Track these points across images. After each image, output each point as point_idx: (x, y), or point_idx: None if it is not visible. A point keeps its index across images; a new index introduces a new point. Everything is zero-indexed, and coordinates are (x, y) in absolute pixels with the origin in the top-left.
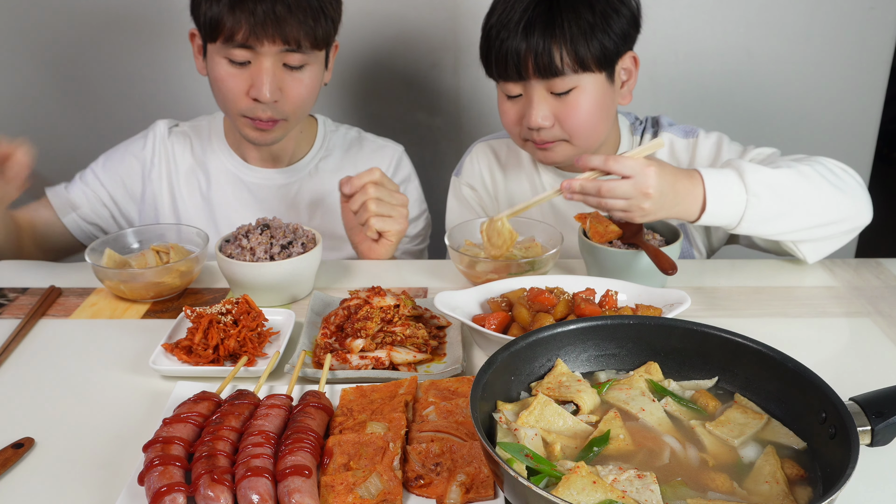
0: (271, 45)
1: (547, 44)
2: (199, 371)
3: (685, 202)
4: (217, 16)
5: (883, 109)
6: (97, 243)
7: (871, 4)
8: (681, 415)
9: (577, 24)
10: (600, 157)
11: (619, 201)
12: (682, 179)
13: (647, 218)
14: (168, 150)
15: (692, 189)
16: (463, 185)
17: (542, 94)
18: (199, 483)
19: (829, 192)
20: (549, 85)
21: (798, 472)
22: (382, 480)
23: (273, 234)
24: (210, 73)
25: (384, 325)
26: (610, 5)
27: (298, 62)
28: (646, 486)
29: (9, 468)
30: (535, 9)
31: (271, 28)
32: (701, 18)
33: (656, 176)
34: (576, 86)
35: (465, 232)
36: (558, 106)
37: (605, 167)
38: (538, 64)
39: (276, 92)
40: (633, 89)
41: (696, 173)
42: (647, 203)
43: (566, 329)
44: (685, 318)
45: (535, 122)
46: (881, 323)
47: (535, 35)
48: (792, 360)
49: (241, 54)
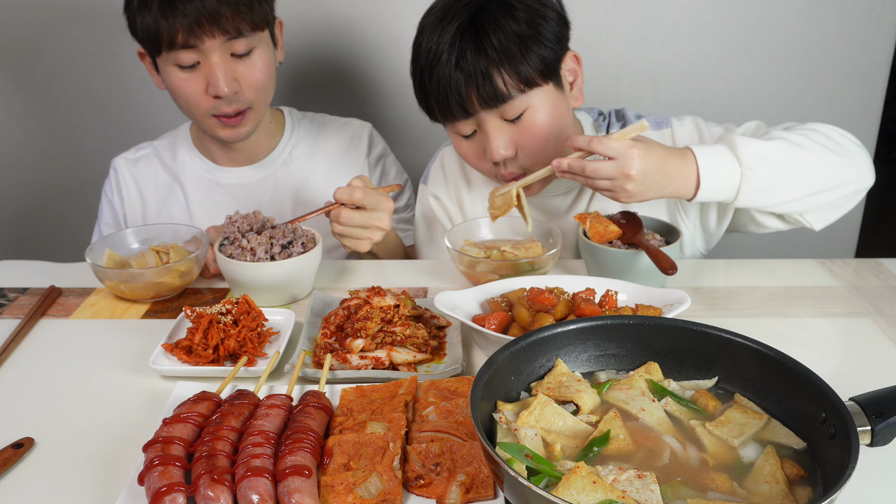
0: (212, 40)
1: (484, 68)
2: (199, 371)
3: (677, 182)
4: (152, 26)
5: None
6: (97, 243)
7: (871, 4)
8: (681, 415)
9: (508, 38)
10: (585, 138)
11: (603, 182)
12: (672, 160)
13: (633, 199)
14: (137, 179)
15: (684, 168)
16: (429, 194)
17: (497, 124)
18: (199, 483)
19: (825, 156)
20: (500, 112)
21: (798, 472)
22: (382, 480)
23: (273, 234)
24: (166, 84)
25: (384, 325)
26: (535, 12)
27: (245, 48)
28: (646, 486)
29: (9, 468)
30: (461, 38)
31: (206, 24)
32: (701, 18)
33: (640, 158)
34: (527, 106)
35: (466, 232)
36: (515, 132)
37: (589, 148)
38: (482, 94)
39: (233, 83)
40: (582, 88)
41: (689, 151)
42: (630, 185)
43: (566, 329)
44: (685, 318)
45: (499, 155)
46: (881, 323)
47: (468, 63)
48: (792, 360)
49: (188, 57)
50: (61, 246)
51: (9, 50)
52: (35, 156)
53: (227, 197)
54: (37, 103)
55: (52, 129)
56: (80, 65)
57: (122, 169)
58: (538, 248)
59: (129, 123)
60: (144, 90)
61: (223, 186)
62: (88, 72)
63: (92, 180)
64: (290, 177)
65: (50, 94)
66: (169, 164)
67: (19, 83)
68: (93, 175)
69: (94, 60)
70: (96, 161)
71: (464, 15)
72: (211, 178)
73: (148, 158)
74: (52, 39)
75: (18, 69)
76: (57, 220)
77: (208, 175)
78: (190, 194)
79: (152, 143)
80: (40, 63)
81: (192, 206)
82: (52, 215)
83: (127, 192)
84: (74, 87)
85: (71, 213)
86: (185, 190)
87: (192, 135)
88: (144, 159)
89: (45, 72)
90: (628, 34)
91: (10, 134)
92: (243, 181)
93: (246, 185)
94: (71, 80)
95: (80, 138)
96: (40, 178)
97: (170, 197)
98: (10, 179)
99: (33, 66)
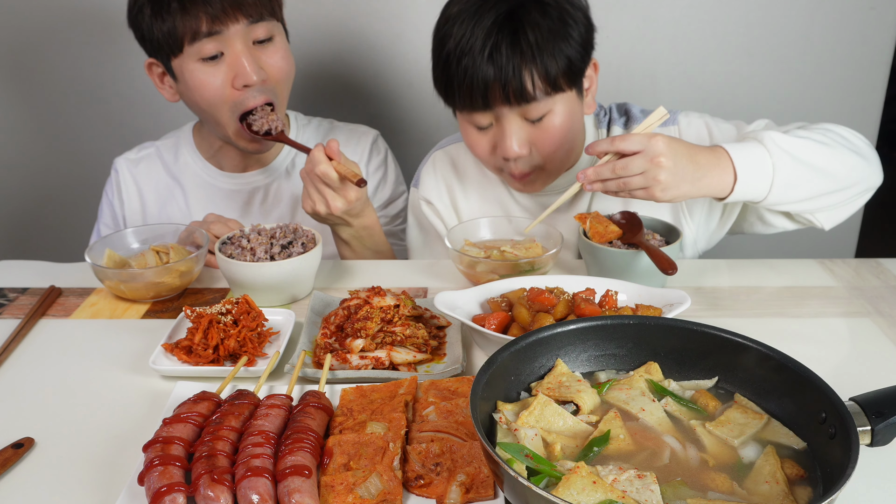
0: (236, 24)
1: (517, 68)
2: (199, 371)
3: (711, 175)
4: (171, 26)
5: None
6: (97, 243)
7: (871, 4)
8: (681, 415)
9: (543, 36)
10: (606, 141)
11: (636, 178)
12: (701, 152)
13: (669, 192)
14: (137, 180)
15: (717, 162)
16: (420, 199)
17: (517, 122)
18: (199, 483)
19: (846, 154)
20: (522, 111)
21: (798, 472)
22: (382, 480)
23: (273, 233)
24: (188, 85)
25: (384, 325)
26: (566, 12)
27: (266, 33)
28: (646, 486)
29: (9, 468)
30: (498, 31)
31: (229, 8)
32: (701, 18)
33: (665, 144)
34: (549, 110)
35: (465, 232)
36: (533, 132)
37: (613, 147)
38: (509, 91)
39: (259, 70)
40: (595, 95)
41: (720, 148)
42: (663, 174)
43: (566, 329)
44: (685, 318)
45: (513, 152)
46: (881, 323)
47: (501, 57)
48: (792, 360)
49: (211, 46)
50: (61, 246)
51: (9, 51)
52: (35, 156)
53: (227, 201)
54: (37, 104)
55: (52, 130)
56: (81, 65)
57: (122, 169)
58: (538, 248)
59: (130, 124)
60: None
61: (223, 191)
62: (89, 72)
63: (92, 180)
64: (292, 182)
65: (50, 95)
66: (170, 166)
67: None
68: (93, 175)
69: (95, 61)
70: (96, 161)
71: (502, 7)
72: (212, 182)
73: (150, 159)
74: (52, 40)
75: (19, 70)
76: (57, 220)
77: (210, 179)
78: (190, 197)
79: (155, 143)
80: (41, 64)
81: (192, 209)
82: (52, 215)
83: (127, 192)
84: (75, 88)
85: (71, 213)
86: (185, 192)
87: (195, 136)
88: (146, 160)
89: (45, 72)
90: (628, 34)
91: (11, 134)
92: (244, 186)
93: (247, 191)
94: (71, 80)
95: (80, 138)
96: (40, 178)
97: (169, 199)
98: (10, 179)
99: (34, 67)
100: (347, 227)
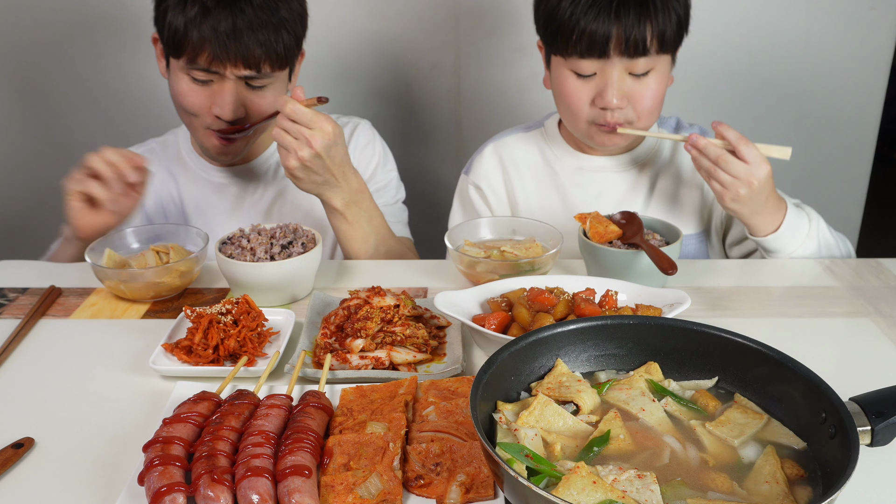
0: (233, 69)
1: (642, 24)
2: (199, 371)
3: (766, 216)
4: (181, 31)
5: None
6: (97, 243)
7: (871, 4)
8: (681, 415)
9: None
10: (735, 132)
11: (727, 177)
12: (774, 196)
13: (735, 204)
14: None
15: (776, 211)
16: (469, 184)
17: (623, 75)
18: (199, 483)
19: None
20: (629, 65)
21: (798, 472)
22: (382, 480)
23: (273, 233)
24: (172, 85)
25: (384, 325)
26: None
27: (261, 82)
28: (646, 486)
29: (9, 468)
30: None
31: (233, 55)
32: (701, 18)
33: (766, 175)
34: (653, 67)
35: (466, 232)
36: (634, 86)
37: (737, 143)
38: (628, 44)
39: (240, 109)
40: None
41: (783, 202)
42: (745, 191)
43: (566, 329)
44: (685, 318)
45: (614, 102)
46: (881, 323)
47: (630, 15)
48: (792, 360)
49: (203, 75)
50: None
51: (9, 51)
52: (35, 156)
53: (219, 196)
54: (37, 104)
55: (51, 130)
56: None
57: None
58: (538, 248)
59: (130, 124)
60: (145, 91)
61: (215, 185)
62: (88, 72)
63: None
64: (281, 176)
65: (50, 95)
66: (168, 161)
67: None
68: None
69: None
70: None
71: None
72: (206, 176)
73: (151, 154)
74: (52, 41)
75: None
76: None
77: (203, 174)
78: (184, 191)
79: (157, 140)
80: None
81: (186, 204)
82: (51, 215)
83: None
84: (74, 88)
85: None
86: (178, 185)
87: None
88: (148, 153)
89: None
90: None
91: (11, 134)
92: (236, 180)
93: (239, 185)
94: (71, 80)
95: (79, 138)
96: (41, 179)
97: (165, 194)
98: (10, 179)
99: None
100: (338, 190)
